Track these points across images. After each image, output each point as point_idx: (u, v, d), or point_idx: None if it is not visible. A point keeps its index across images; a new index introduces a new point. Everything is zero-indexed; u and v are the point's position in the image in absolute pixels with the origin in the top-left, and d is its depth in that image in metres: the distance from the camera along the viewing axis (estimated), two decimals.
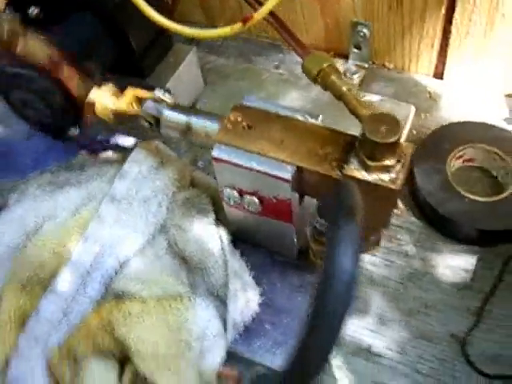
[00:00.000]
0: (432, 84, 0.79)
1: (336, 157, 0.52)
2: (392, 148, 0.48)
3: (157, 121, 0.60)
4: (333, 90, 0.52)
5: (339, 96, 0.51)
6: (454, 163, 0.70)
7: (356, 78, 0.80)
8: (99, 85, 0.61)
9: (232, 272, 0.60)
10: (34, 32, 0.61)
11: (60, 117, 0.63)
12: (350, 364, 0.60)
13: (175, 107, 0.60)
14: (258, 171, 0.54)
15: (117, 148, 0.72)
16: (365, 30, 0.77)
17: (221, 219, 0.64)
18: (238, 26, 0.40)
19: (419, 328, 0.62)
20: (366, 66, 0.81)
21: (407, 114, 0.74)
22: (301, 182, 0.54)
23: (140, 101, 0.61)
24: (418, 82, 0.80)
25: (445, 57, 0.77)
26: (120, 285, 0.56)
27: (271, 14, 0.54)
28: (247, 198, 0.58)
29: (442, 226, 0.67)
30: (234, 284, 0.59)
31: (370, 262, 0.66)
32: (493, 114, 0.74)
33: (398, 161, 0.50)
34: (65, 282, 0.55)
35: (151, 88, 0.62)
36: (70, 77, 0.61)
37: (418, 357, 0.60)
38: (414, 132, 0.75)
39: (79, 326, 0.54)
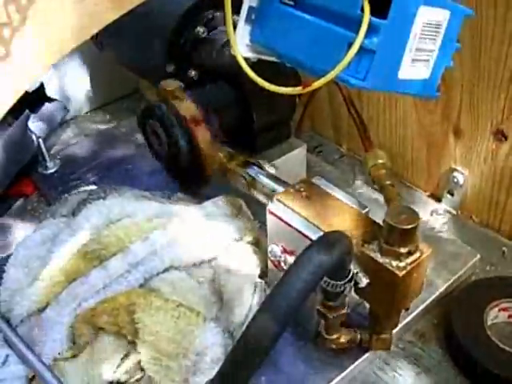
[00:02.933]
0: (510, 245, 0.83)
1: (363, 238, 0.59)
2: (407, 237, 0.55)
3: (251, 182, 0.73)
4: (378, 182, 0.60)
5: (381, 187, 0.59)
6: (495, 314, 0.71)
7: (440, 219, 0.86)
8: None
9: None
10: (189, 97, 0.78)
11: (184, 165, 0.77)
12: None
13: (271, 176, 0.72)
14: (298, 231, 0.63)
15: None
16: (459, 178, 0.84)
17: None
18: (298, 89, 0.51)
19: None
20: (454, 212, 0.87)
21: (470, 260, 0.78)
22: None
23: (247, 164, 0.75)
24: (497, 240, 0.83)
25: None
26: (156, 283, 0.66)
27: (355, 110, 0.65)
28: (286, 256, 0.66)
29: (472, 370, 0.68)
30: None
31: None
32: None
33: (411, 253, 0.56)
34: (116, 263, 0.67)
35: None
36: (203, 134, 0.75)
37: None
38: (473, 278, 0.78)
39: (109, 299, 0.64)
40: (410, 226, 0.54)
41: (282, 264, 0.67)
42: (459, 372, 0.68)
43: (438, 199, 0.90)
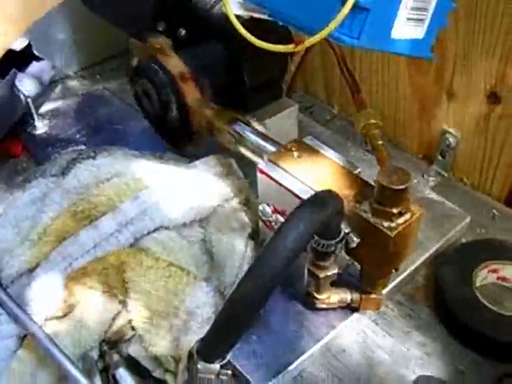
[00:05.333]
0: (500, 207, 0.83)
1: (355, 198, 0.59)
2: (399, 197, 0.55)
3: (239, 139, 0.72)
4: (370, 142, 0.59)
5: (373, 147, 0.59)
6: (484, 276, 0.72)
7: (431, 181, 0.86)
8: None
9: None
10: (176, 54, 0.77)
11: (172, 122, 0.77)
12: None
13: (258, 133, 0.71)
14: (288, 190, 0.62)
15: None
16: (451, 140, 0.84)
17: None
18: (290, 47, 0.50)
19: None
20: (446, 175, 0.87)
21: (460, 222, 0.78)
22: None
23: (233, 121, 0.74)
24: (487, 202, 0.84)
25: None
26: (147, 242, 0.66)
27: (348, 70, 0.64)
28: (276, 216, 0.66)
29: (460, 331, 0.68)
30: None
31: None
32: None
33: (402, 213, 0.56)
34: (106, 223, 0.66)
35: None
36: (191, 91, 0.75)
37: None
38: (463, 240, 0.78)
39: (99, 258, 0.64)
40: (401, 187, 0.54)
41: (273, 224, 0.67)
42: (448, 332, 0.69)
43: (430, 161, 0.90)
